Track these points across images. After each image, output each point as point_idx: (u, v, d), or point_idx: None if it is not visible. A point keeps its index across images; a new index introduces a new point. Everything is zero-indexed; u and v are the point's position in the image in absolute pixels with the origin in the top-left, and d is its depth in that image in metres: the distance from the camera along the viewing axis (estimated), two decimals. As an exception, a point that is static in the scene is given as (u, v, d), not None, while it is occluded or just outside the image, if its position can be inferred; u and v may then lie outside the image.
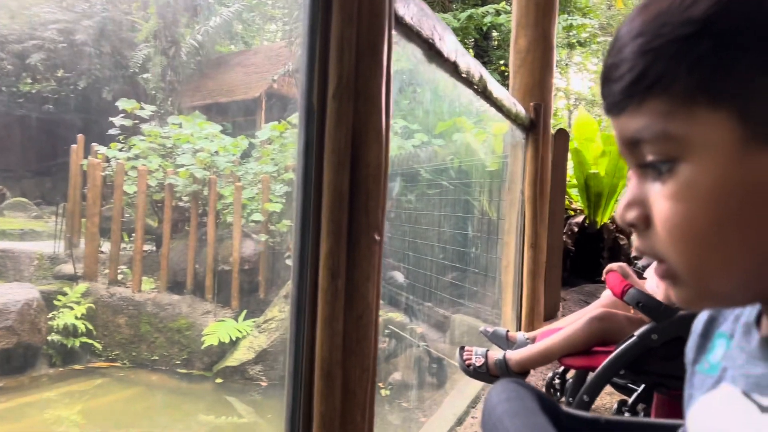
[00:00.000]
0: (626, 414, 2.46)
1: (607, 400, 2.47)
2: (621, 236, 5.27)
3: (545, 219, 3.98)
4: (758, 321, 0.51)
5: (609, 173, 5.03)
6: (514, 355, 1.82)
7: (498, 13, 11.48)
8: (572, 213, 5.36)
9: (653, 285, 1.74)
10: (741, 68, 0.42)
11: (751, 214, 0.43)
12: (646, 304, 1.53)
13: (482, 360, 1.83)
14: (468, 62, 2.23)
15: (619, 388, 2.07)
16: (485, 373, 1.83)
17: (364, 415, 1.20)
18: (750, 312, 0.53)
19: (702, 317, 0.60)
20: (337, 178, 1.13)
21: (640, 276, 1.82)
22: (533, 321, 3.91)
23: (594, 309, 1.81)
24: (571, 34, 13.47)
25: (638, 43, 0.46)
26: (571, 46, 14.60)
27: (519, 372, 1.82)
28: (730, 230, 0.44)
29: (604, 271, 1.79)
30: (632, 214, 0.49)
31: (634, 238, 0.52)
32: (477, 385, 3.05)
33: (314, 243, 1.18)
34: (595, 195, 5.11)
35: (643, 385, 1.85)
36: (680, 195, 0.45)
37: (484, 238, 5.11)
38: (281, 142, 9.25)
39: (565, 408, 0.62)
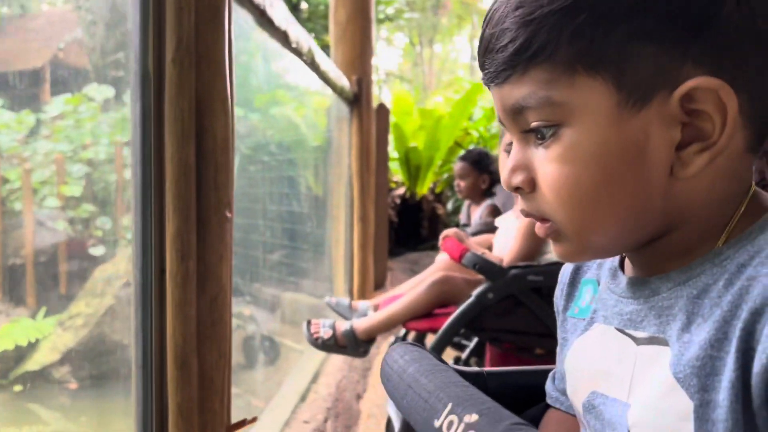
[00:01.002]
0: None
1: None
2: (439, 205, 5.59)
3: (372, 192, 4.09)
4: (621, 265, 0.56)
5: (427, 146, 5.29)
6: (361, 324, 1.85)
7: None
8: (394, 186, 5.56)
9: (501, 244, 1.86)
10: (614, 38, 0.44)
11: (626, 171, 0.46)
12: (482, 265, 1.63)
13: (330, 332, 1.83)
14: (298, 32, 2.18)
15: (452, 345, 2.18)
16: (334, 344, 1.84)
17: (223, 402, 1.14)
18: (613, 257, 0.58)
19: (567, 268, 0.64)
20: (182, 151, 1.04)
21: None
22: (365, 291, 4.01)
23: (433, 273, 1.90)
24: (378, 9, 13.82)
25: (519, 15, 0.47)
26: (379, 20, 15.00)
27: (366, 340, 1.85)
28: (610, 188, 0.47)
29: (441, 237, 1.87)
30: (518, 179, 0.51)
31: (518, 200, 0.53)
32: (315, 361, 3.06)
33: (158, 222, 1.08)
34: (415, 168, 5.34)
35: (475, 341, 1.98)
36: (565, 157, 0.47)
37: (312, 214, 5.11)
38: (76, 118, 8.38)
39: (452, 365, 0.63)
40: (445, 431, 0.40)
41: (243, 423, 1.19)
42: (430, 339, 2.20)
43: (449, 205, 5.70)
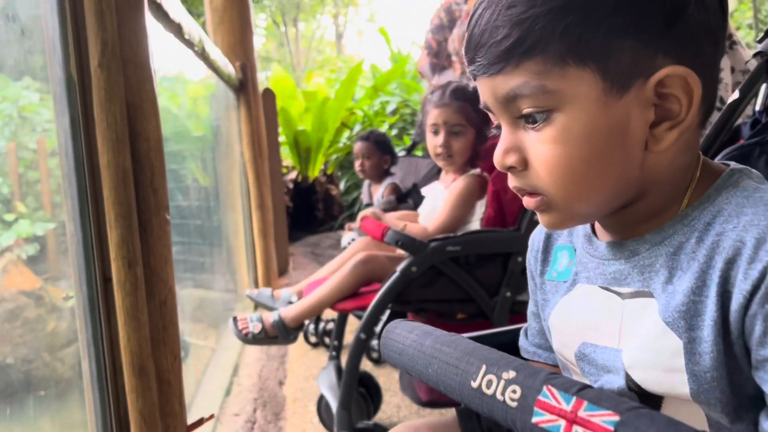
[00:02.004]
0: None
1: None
2: (332, 186, 5.63)
3: (267, 178, 4.05)
4: (593, 231, 0.65)
5: (315, 129, 5.29)
6: (289, 312, 1.87)
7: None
8: (285, 170, 5.52)
9: (427, 212, 1.94)
10: (599, 34, 0.52)
11: (612, 148, 0.54)
12: (404, 241, 1.70)
13: (259, 325, 1.84)
14: (190, 23, 2.13)
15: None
16: (264, 336, 1.85)
17: (182, 403, 1.15)
18: (583, 225, 0.66)
19: (538, 236, 0.72)
20: (118, 157, 1.02)
21: None
22: (270, 279, 4.00)
23: (355, 254, 1.95)
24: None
25: (512, 13, 0.53)
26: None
27: (295, 327, 1.88)
28: (598, 163, 0.55)
29: (359, 218, 1.93)
30: (511, 159, 0.58)
31: (509, 177, 0.60)
32: (232, 355, 3.04)
33: (97, 231, 1.05)
34: (305, 150, 5.34)
35: (387, 313, 2.06)
36: (557, 138, 0.54)
37: (204, 207, 4.98)
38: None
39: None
40: (485, 389, 0.47)
41: (201, 421, 1.20)
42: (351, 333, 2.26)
43: (341, 186, 5.76)
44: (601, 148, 0.54)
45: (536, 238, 0.73)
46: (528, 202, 0.59)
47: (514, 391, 0.45)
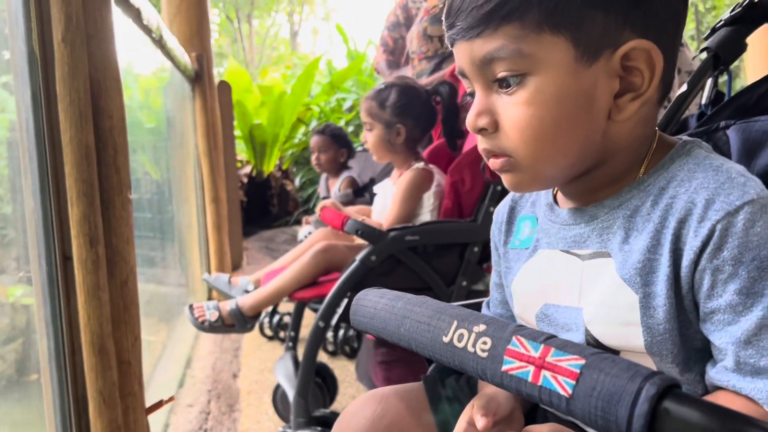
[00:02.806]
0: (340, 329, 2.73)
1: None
2: (287, 182, 5.59)
3: (222, 171, 4.01)
4: (555, 201, 0.68)
5: (271, 123, 5.25)
6: (247, 301, 1.86)
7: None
8: (240, 164, 5.47)
9: (379, 209, 1.96)
10: (574, 4, 0.55)
11: (579, 113, 0.58)
12: (364, 230, 1.72)
13: (216, 313, 1.82)
14: (149, 10, 2.10)
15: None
16: (221, 325, 1.84)
17: (141, 384, 1.14)
18: (545, 195, 0.70)
19: (503, 209, 0.76)
20: (81, 133, 1.01)
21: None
22: (223, 273, 3.95)
23: (315, 243, 1.96)
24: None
25: None
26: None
27: (252, 316, 1.87)
28: (566, 127, 0.58)
29: (318, 209, 1.94)
30: (483, 121, 0.60)
31: (479, 139, 0.63)
32: (184, 347, 3.00)
33: (58, 207, 1.04)
34: (260, 145, 5.29)
35: (345, 303, 2.08)
36: (530, 101, 0.57)
37: (156, 200, 4.88)
38: None
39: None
40: (457, 343, 0.49)
41: (160, 403, 1.20)
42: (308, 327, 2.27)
43: (297, 181, 5.73)
44: (569, 112, 0.57)
45: (500, 210, 0.76)
46: (494, 163, 0.62)
47: (484, 343, 0.47)
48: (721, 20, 1.02)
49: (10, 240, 1.31)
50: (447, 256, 1.83)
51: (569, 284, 0.63)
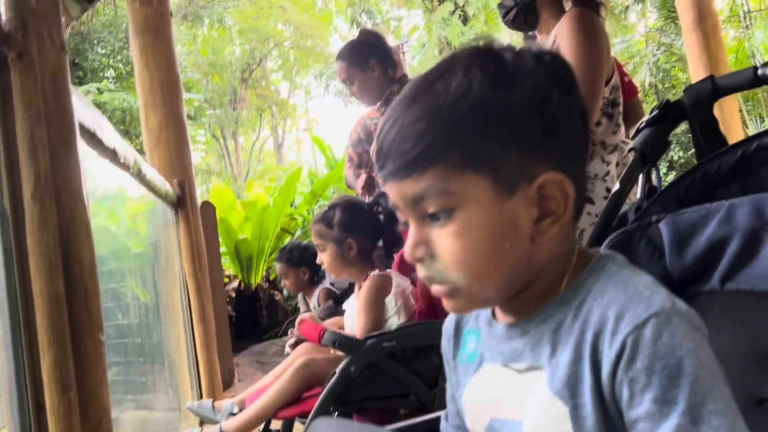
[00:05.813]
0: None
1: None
2: (275, 293, 5.62)
3: (208, 291, 4.04)
4: (494, 316, 0.73)
5: (255, 236, 5.35)
6: (231, 424, 1.85)
7: (100, 91, 10.92)
8: (227, 280, 5.50)
9: (350, 324, 1.99)
10: (489, 147, 0.62)
11: (505, 241, 0.63)
12: (341, 341, 1.75)
13: (201, 439, 1.81)
14: (125, 148, 2.22)
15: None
16: (206, 451, 1.82)
17: None
18: (486, 310, 0.74)
19: (450, 323, 0.80)
20: (51, 283, 1.06)
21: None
22: (214, 393, 3.89)
23: (295, 360, 1.97)
24: (180, 108, 13.68)
25: (417, 128, 0.62)
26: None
27: (239, 439, 1.86)
28: (495, 254, 0.63)
29: (296, 323, 1.97)
30: (419, 252, 0.66)
31: (418, 267, 0.68)
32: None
33: (30, 357, 1.07)
34: (246, 259, 5.36)
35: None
36: (460, 233, 0.63)
37: (144, 324, 4.87)
38: None
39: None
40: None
41: None
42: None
43: (285, 290, 5.76)
44: (497, 240, 0.63)
45: (448, 324, 0.80)
46: (436, 290, 0.67)
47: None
48: (643, 121, 1.11)
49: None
50: (426, 359, 1.85)
51: (510, 398, 0.66)
